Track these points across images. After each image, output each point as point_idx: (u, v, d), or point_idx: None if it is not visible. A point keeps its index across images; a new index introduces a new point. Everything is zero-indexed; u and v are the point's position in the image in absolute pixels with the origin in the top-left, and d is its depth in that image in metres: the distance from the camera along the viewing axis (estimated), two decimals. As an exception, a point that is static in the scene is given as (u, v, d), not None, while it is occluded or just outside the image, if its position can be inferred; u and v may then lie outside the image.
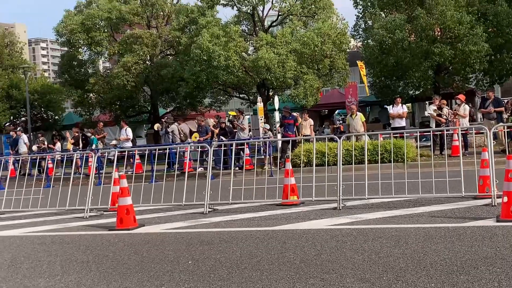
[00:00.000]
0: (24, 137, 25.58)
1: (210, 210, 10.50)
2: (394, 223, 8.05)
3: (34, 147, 25.51)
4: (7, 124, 35.09)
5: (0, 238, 9.22)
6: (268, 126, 21.96)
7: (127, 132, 23.01)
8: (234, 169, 12.78)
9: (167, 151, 16.00)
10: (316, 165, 10.91)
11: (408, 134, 17.45)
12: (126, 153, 16.87)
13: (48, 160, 20.16)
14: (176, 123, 22.89)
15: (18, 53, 36.56)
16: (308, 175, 11.26)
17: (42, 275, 6.46)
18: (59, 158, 21.20)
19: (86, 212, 11.03)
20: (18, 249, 8.15)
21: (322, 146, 15.85)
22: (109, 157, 20.25)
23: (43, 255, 7.60)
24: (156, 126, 24.79)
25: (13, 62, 35.10)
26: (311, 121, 21.53)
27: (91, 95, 32.85)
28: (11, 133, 26.41)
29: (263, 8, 27.75)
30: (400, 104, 20.15)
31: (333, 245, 6.90)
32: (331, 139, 16.25)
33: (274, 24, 29.36)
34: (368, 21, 26.64)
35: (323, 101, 31.93)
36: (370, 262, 5.94)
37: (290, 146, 16.42)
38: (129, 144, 23.06)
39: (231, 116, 23.31)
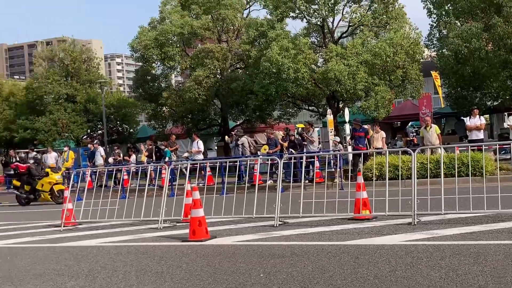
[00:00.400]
0: (101, 150, 26.47)
1: (281, 223, 10.46)
2: (473, 240, 7.75)
3: (110, 159, 26.35)
4: (85, 137, 36.43)
5: (78, 248, 9.53)
6: (338, 139, 21.75)
7: (199, 144, 23.39)
8: (304, 182, 12.72)
9: (237, 163, 16.16)
10: (389, 179, 10.68)
11: (486, 147, 16.81)
12: (198, 165, 17.13)
13: (123, 172, 20.76)
14: (245, 136, 23.07)
15: (95, 69, 37.91)
16: (380, 189, 11.04)
17: (118, 285, 6.61)
18: (134, 170, 21.81)
19: (160, 223, 11.25)
20: (95, 259, 8.40)
21: (395, 159, 15.53)
22: (181, 169, 20.63)
23: (119, 265, 7.79)
24: (226, 138, 25.08)
25: (90, 77, 36.44)
26: (383, 134, 21.16)
27: (164, 108, 33.62)
28: (89, 145, 27.40)
29: (333, 20, 27.61)
30: (477, 116, 19.49)
31: (408, 261, 6.70)
32: (405, 152, 15.88)
33: (344, 35, 29.14)
34: (443, 30, 25.97)
35: (395, 112, 31.33)
36: (448, 280, 5.73)
37: (361, 159, 16.18)
38: (201, 156, 23.43)
39: (300, 129, 23.27)
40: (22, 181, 20.94)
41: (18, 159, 29.75)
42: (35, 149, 32.19)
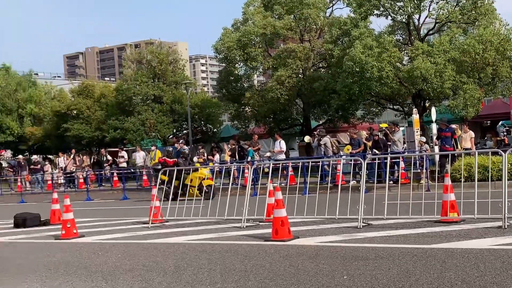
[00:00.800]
0: (186, 149, 27.11)
1: (364, 224, 10.34)
2: None
3: (195, 159, 26.96)
4: (171, 136, 37.46)
5: (166, 245, 9.83)
6: (424, 139, 21.18)
7: (281, 144, 23.50)
8: (388, 183, 12.50)
9: (320, 163, 16.10)
10: (478, 180, 10.29)
11: None
12: (280, 165, 17.21)
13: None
14: (327, 136, 22.92)
15: (181, 70, 38.87)
16: (468, 191, 10.67)
17: (203, 282, 6.77)
18: (218, 169, 22.22)
19: (243, 222, 11.40)
20: (182, 256, 8.64)
21: (484, 160, 14.95)
22: (264, 168, 20.80)
23: (204, 262, 7.97)
24: (307, 138, 25.00)
25: (176, 78, 37.40)
26: (471, 134, 20.40)
27: (247, 108, 34.04)
28: (176, 145, 28.16)
29: (419, 17, 26.87)
30: None
31: (498, 266, 6.45)
32: (495, 153, 15.24)
33: (431, 32, 28.30)
34: (536, 25, 24.70)
35: (485, 111, 30.09)
36: (543, 288, 5.47)
37: (449, 160, 15.68)
38: (283, 156, 23.52)
39: (384, 129, 22.83)
40: (170, 176, 20.89)
41: (107, 158, 31.10)
42: (124, 148, 33.50)
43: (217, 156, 26.61)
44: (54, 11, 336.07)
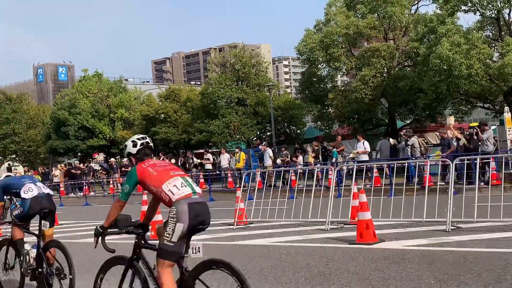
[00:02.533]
0: (269, 151, 27.31)
1: (453, 228, 10.02)
2: None
3: (278, 160, 27.10)
4: (254, 138, 37.84)
5: (250, 247, 9.97)
6: (517, 138, 20.23)
7: (365, 145, 23.17)
8: (479, 184, 12.05)
9: (405, 164, 15.73)
10: None
11: None
12: (365, 166, 16.98)
13: (291, 172, 21.23)
14: (415, 136, 22.36)
15: (264, 72, 39.17)
16: None
17: (288, 284, 6.83)
18: (301, 171, 22.22)
19: (327, 224, 11.35)
20: (266, 258, 8.73)
21: None
22: (348, 169, 20.59)
23: (289, 265, 8.02)
24: (392, 140, 24.50)
25: (259, 80, 37.72)
26: None
27: (330, 109, 33.83)
28: (260, 147, 28.42)
29: (510, 11, 25.70)
30: None
31: None
32: None
33: (523, 26, 27.02)
34: None
35: None
36: None
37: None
38: (367, 157, 23.17)
39: (474, 129, 21.99)
40: None
41: (194, 161, 31.85)
42: (209, 151, 34.20)
43: (300, 158, 26.59)
44: (142, 19, 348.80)
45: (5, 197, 8.08)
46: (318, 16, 53.21)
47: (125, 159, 35.94)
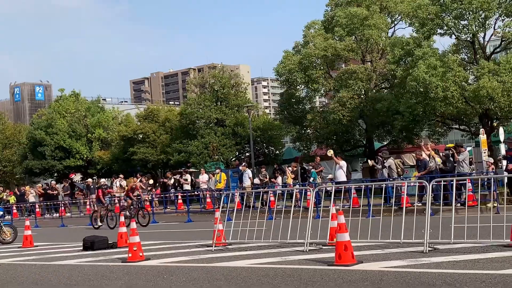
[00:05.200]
0: (248, 172, 27.33)
1: (430, 249, 10.08)
2: None
3: (256, 180, 27.07)
4: (233, 159, 37.84)
5: (229, 269, 9.90)
6: (492, 160, 20.53)
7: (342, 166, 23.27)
8: (455, 205, 12.17)
9: (383, 185, 15.83)
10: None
11: None
12: (343, 187, 17.06)
13: (270, 193, 21.25)
14: (391, 158, 22.56)
15: (243, 93, 39.38)
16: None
17: (267, 307, 6.78)
18: (280, 192, 22.23)
19: (306, 245, 11.34)
20: (245, 280, 8.68)
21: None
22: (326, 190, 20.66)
23: (267, 287, 7.98)
24: (370, 162, 24.71)
25: (238, 101, 37.89)
26: (542, 154, 19.57)
27: (308, 130, 34.02)
28: (240, 167, 28.39)
29: (484, 35, 26.24)
30: None
31: None
32: None
33: (497, 50, 27.57)
34: None
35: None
36: None
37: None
38: (343, 177, 23.26)
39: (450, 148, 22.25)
40: None
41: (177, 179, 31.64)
42: (188, 171, 34.06)
43: (279, 179, 26.62)
44: (120, 39, 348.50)
45: None
46: (297, 38, 53.75)
47: (102, 180, 35.61)
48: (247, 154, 37.55)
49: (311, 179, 24.97)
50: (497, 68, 23.86)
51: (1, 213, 20.36)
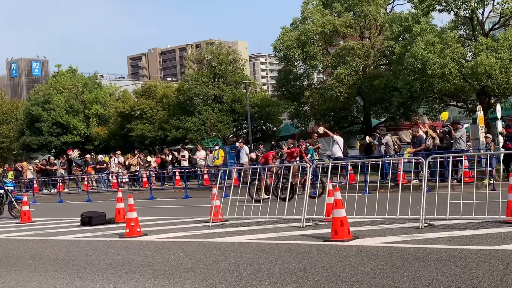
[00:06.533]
0: (246, 148, 27.35)
1: (426, 225, 10.16)
2: None
3: (253, 154, 27.09)
4: (231, 136, 37.82)
5: (226, 244, 9.98)
6: (490, 136, 20.57)
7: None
8: (451, 182, 12.23)
9: (380, 162, 15.92)
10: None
11: None
12: (340, 164, 17.10)
13: (266, 170, 21.24)
14: (388, 134, 22.60)
15: (240, 70, 39.16)
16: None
17: (263, 282, 6.85)
18: (277, 168, 22.23)
19: (303, 221, 11.41)
20: (241, 256, 8.76)
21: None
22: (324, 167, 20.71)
23: (264, 262, 8.06)
24: (368, 138, 24.74)
25: (236, 78, 37.71)
26: (539, 131, 19.61)
27: (306, 107, 33.98)
28: (237, 144, 28.41)
29: (483, 11, 26.07)
30: None
31: None
32: None
33: (496, 27, 27.42)
34: None
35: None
36: None
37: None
38: (340, 153, 23.28)
39: (445, 121, 22.24)
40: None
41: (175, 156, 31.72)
42: (185, 147, 34.09)
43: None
44: (118, 14, 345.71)
45: None
46: (295, 14, 53.43)
47: (100, 156, 35.67)
48: (245, 130, 37.53)
49: (309, 156, 25.00)
50: (495, 44, 23.77)
51: (12, 188, 20.37)
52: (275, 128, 38.90)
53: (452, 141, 20.32)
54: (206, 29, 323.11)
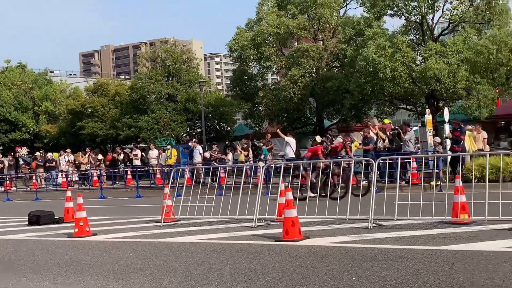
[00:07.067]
0: (199, 148, 27.26)
1: (375, 225, 10.36)
2: None
3: (207, 153, 27.04)
4: (184, 135, 37.61)
5: (177, 244, 9.93)
6: (438, 139, 21.12)
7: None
8: (400, 183, 12.49)
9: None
10: (490, 181, 10.25)
11: None
12: (292, 164, 17.22)
13: (220, 169, 21.29)
14: (340, 136, 22.90)
15: (195, 69, 38.99)
16: (480, 192, 10.63)
17: (213, 282, 6.86)
18: (230, 168, 22.31)
19: (255, 221, 11.46)
20: (192, 256, 8.73)
21: (497, 161, 14.88)
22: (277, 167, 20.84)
23: (215, 262, 8.06)
24: (318, 138, 25.00)
25: (190, 77, 37.52)
26: (484, 134, 20.32)
27: (260, 107, 34.13)
28: (190, 143, 28.28)
29: (433, 17, 26.79)
30: None
31: (508, 269, 6.46)
32: (508, 154, 15.18)
33: (445, 32, 28.20)
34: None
35: (500, 112, 29.89)
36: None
37: (460, 161, 15.66)
38: (292, 154, 23.45)
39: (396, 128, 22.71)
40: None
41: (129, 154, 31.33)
42: (138, 146, 33.70)
43: (230, 155, 26.70)
44: (70, 10, 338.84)
45: None
46: (250, 14, 53.54)
47: (49, 154, 34.86)
48: (199, 130, 37.39)
49: (262, 156, 25.15)
50: (444, 49, 24.43)
51: None
52: (229, 128, 38.88)
53: (401, 143, 20.77)
54: (161, 27, 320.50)
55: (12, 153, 37.32)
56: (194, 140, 28.79)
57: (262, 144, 26.05)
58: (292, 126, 32.09)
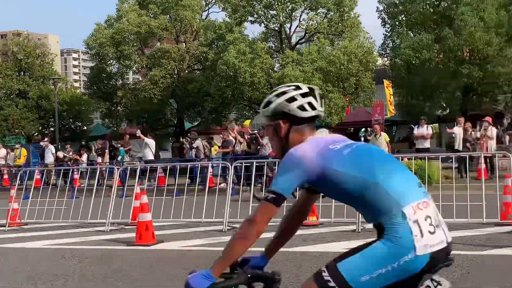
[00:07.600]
0: (52, 148, 25.95)
1: (229, 228, 10.48)
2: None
3: (60, 153, 25.86)
4: (36, 134, 35.70)
5: (21, 251, 9.35)
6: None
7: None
8: (256, 186, 12.79)
9: (189, 165, 16.09)
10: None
11: (433, 156, 17.24)
12: (149, 166, 17.01)
13: (74, 171, 20.41)
14: (199, 139, 23.03)
15: (49, 64, 37.24)
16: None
17: (58, 289, 6.55)
18: (84, 169, 21.49)
19: (107, 225, 11.12)
20: (38, 263, 8.27)
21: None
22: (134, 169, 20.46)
23: (61, 269, 7.69)
24: (182, 139, 25.00)
25: (44, 73, 35.78)
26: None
27: (119, 107, 33.31)
28: (41, 143, 26.85)
29: (291, 26, 27.90)
30: (425, 125, 19.95)
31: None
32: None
33: (302, 41, 29.45)
34: (396, 40, 26.56)
35: (349, 119, 31.80)
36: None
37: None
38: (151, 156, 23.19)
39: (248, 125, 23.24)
40: None
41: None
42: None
43: (85, 156, 25.70)
44: None
45: None
46: (110, 11, 52.09)
47: None
48: (52, 129, 35.65)
49: (119, 157, 24.49)
50: (300, 58, 25.49)
51: None
52: (85, 127, 37.54)
53: (259, 147, 21.29)
54: (15, 19, 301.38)
55: None
56: (46, 139, 27.34)
57: (120, 145, 25.37)
58: (152, 128, 31.67)
